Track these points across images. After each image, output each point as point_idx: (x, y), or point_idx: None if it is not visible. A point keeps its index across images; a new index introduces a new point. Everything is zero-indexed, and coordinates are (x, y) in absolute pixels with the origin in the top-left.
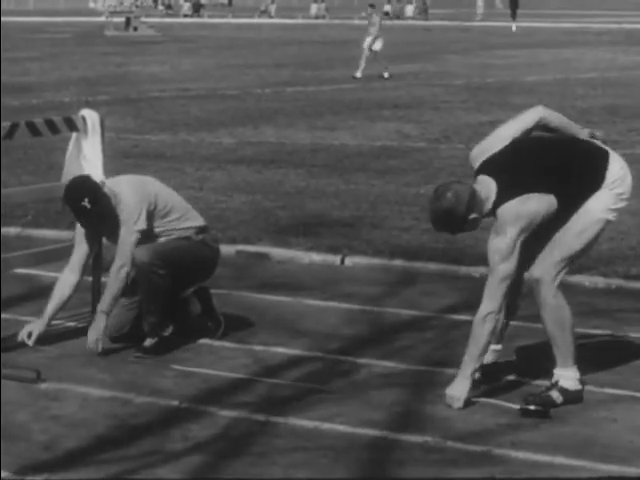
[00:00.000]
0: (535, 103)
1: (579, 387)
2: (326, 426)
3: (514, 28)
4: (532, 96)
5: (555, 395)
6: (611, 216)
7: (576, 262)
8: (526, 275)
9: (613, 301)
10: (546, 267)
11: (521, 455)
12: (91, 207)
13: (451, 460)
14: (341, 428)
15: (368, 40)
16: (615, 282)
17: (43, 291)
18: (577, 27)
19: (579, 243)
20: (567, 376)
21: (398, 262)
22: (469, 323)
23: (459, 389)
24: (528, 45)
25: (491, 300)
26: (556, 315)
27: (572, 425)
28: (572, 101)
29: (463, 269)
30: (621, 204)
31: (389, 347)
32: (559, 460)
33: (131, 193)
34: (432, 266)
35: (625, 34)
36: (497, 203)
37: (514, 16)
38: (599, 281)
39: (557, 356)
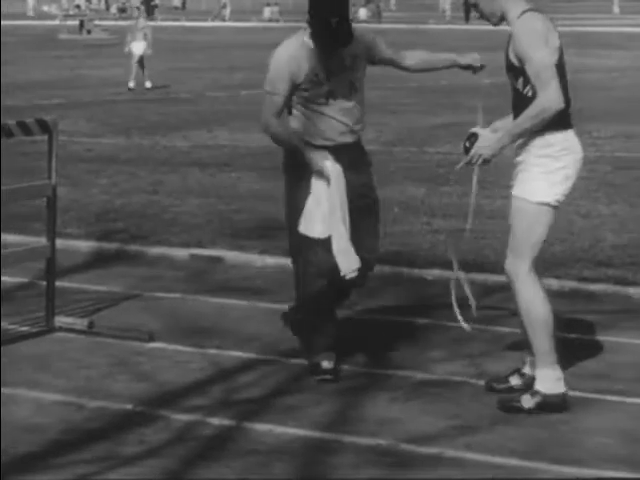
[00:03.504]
0: (492, 105)
1: (558, 391)
2: (279, 429)
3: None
4: (490, 99)
5: (526, 400)
6: (550, 199)
7: (541, 243)
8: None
9: (567, 303)
10: (514, 255)
11: (475, 457)
12: (336, 27)
13: (403, 463)
14: (294, 431)
15: (138, 46)
16: (569, 284)
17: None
18: None
19: (528, 232)
20: (543, 378)
21: None
22: (433, 326)
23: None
24: (483, 48)
25: (544, 88)
26: (526, 307)
27: (526, 427)
28: None
29: (406, 270)
30: (561, 187)
31: (341, 350)
32: (513, 462)
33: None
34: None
35: (576, 36)
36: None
37: (467, 19)
38: (553, 283)
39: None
